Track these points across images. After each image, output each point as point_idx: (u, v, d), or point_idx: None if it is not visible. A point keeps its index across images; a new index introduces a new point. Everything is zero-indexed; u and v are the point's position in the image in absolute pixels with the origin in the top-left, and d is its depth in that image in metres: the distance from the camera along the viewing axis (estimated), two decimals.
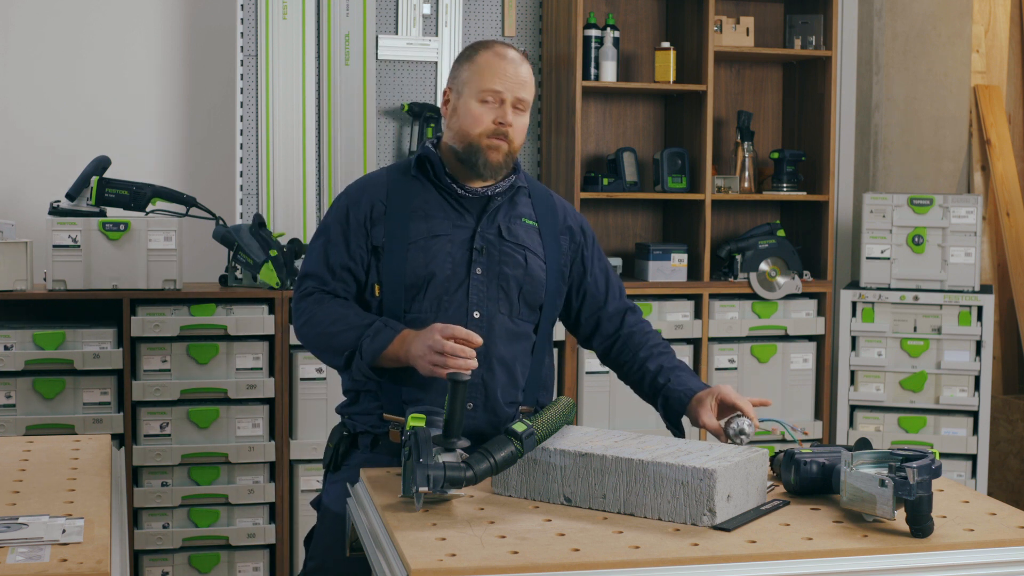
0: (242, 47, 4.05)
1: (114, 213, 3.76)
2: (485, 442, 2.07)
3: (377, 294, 2.44)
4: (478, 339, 2.25)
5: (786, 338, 4.27)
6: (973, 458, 4.18)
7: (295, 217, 4.08)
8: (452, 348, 2.22)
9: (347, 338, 2.38)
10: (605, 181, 4.19)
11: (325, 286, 2.46)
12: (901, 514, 1.92)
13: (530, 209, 2.54)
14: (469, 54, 2.48)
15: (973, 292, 4.17)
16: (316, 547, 2.45)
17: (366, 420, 2.46)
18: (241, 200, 4.06)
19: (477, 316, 2.42)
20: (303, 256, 3.16)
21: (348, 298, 2.47)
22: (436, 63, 4.22)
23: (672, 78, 4.23)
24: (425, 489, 1.96)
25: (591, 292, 2.61)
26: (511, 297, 2.45)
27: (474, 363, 2.24)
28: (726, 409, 2.38)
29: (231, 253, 3.80)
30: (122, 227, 3.67)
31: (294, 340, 3.73)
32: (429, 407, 2.21)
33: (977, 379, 4.18)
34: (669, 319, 4.13)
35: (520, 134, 2.45)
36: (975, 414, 4.19)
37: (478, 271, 2.43)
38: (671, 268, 4.19)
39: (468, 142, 2.43)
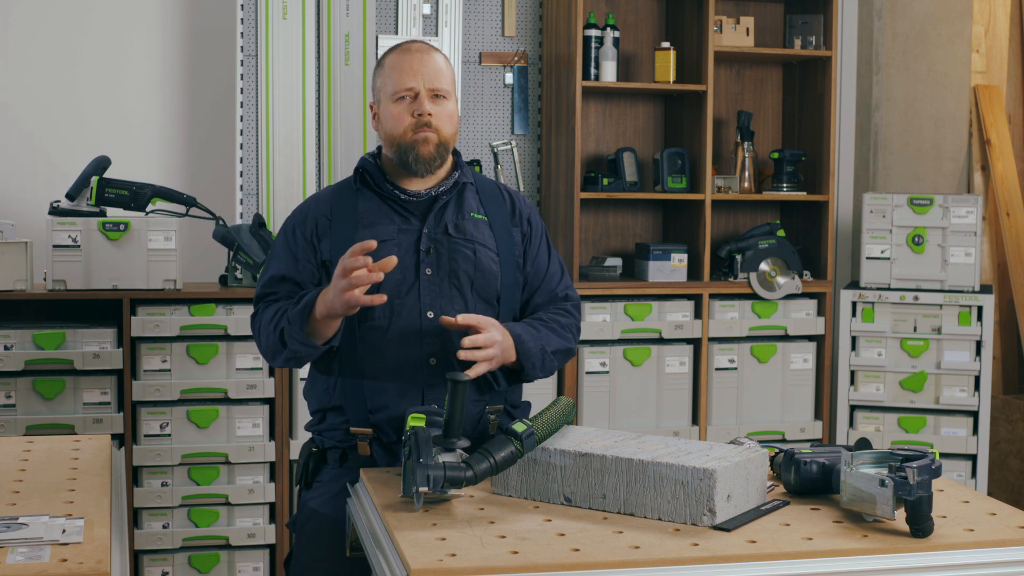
0: (242, 47, 4.05)
1: (114, 213, 3.76)
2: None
3: None
4: (372, 244, 2.23)
5: (786, 338, 4.27)
6: (973, 458, 4.18)
7: None
8: (351, 263, 2.21)
9: (281, 321, 2.38)
10: (605, 181, 4.19)
11: (275, 300, 2.46)
12: (901, 514, 1.92)
13: (478, 203, 2.52)
14: (380, 62, 2.51)
15: (973, 292, 4.17)
16: (295, 569, 2.45)
17: (333, 435, 2.45)
18: (241, 200, 4.06)
19: (431, 316, 2.40)
20: None
21: None
22: None
23: (672, 78, 4.23)
24: (425, 489, 1.96)
25: (530, 283, 2.56)
26: (464, 293, 2.44)
27: (376, 276, 2.22)
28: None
29: (231, 253, 3.80)
30: (122, 227, 3.67)
31: None
32: (429, 407, 2.21)
33: (977, 379, 4.17)
34: (669, 319, 4.13)
35: (447, 122, 2.45)
36: (975, 414, 4.19)
37: (428, 272, 2.42)
38: (671, 268, 4.19)
39: (396, 143, 2.45)
